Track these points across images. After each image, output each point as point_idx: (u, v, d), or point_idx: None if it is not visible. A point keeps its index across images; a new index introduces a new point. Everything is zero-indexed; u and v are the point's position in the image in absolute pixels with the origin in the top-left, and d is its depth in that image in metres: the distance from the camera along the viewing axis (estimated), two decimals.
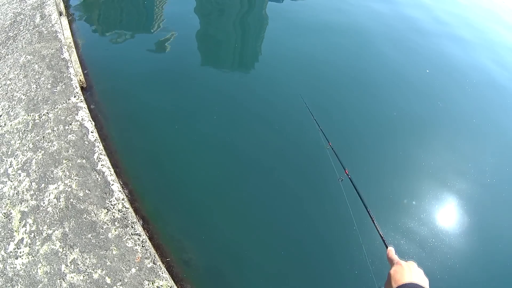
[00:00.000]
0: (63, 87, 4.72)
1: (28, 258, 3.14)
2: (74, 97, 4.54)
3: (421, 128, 5.46)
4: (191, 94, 5.56)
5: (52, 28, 6.08)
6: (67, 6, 7.84)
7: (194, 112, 5.21)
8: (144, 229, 3.54)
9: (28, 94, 4.70)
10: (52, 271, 3.06)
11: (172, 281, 3.05)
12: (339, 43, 7.40)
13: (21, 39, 5.96)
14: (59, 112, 4.35)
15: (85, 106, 4.46)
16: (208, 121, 5.05)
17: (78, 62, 5.67)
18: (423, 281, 1.35)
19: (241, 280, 3.62)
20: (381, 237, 1.96)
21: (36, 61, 5.32)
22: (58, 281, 3.02)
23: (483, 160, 5.07)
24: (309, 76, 6.22)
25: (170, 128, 4.92)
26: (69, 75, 4.90)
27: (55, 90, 4.67)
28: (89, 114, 4.35)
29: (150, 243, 3.22)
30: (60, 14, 6.82)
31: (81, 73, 5.46)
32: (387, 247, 1.63)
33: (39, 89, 4.73)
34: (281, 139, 4.96)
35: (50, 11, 6.57)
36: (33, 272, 3.05)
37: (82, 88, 5.10)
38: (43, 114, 4.35)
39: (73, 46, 6.07)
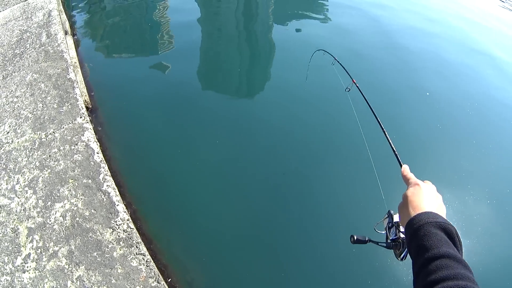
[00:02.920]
0: (69, 107, 4.92)
1: (35, 273, 3.29)
2: (80, 117, 4.73)
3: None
4: (195, 118, 5.70)
5: (58, 48, 6.29)
6: (72, 26, 8.07)
7: (198, 136, 5.35)
8: (147, 249, 3.70)
9: (34, 112, 4.89)
10: (59, 286, 3.21)
11: None
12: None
13: (28, 57, 6.16)
14: (65, 132, 4.54)
15: (91, 127, 4.65)
16: (211, 145, 5.18)
17: (83, 83, 5.87)
18: (443, 210, 1.15)
19: None
20: (395, 153, 1.69)
21: (43, 80, 5.52)
22: None
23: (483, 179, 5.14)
24: None
25: (173, 151, 5.06)
26: (75, 95, 5.10)
27: (61, 110, 4.87)
28: (94, 135, 4.54)
29: (154, 263, 3.38)
30: (66, 33, 7.04)
31: (86, 93, 5.65)
32: (401, 165, 1.44)
33: (45, 108, 4.92)
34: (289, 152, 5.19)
35: (56, 30, 6.79)
36: (40, 287, 3.20)
37: (87, 108, 5.29)
38: (50, 133, 4.53)
39: (78, 66, 6.28)
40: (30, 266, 3.35)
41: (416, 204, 1.12)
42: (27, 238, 3.56)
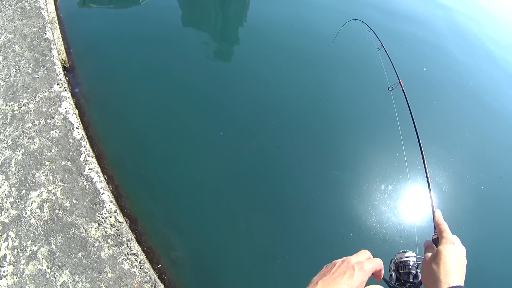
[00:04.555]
0: (45, 72, 4.15)
1: (13, 278, 2.73)
2: (57, 84, 3.98)
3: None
4: (182, 79, 5.03)
5: (36, 4, 5.44)
6: None
7: (183, 98, 4.77)
8: (132, 230, 3.15)
9: (7, 79, 4.15)
10: None
11: None
12: None
13: (3, 15, 5.34)
14: (40, 102, 3.81)
15: (69, 95, 3.91)
16: (197, 108, 4.63)
17: (61, 39, 5.05)
18: (463, 276, 1.07)
19: (231, 279, 3.38)
20: (430, 195, 1.53)
21: (17, 41, 4.73)
22: None
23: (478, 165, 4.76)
24: None
25: (156, 115, 4.47)
26: (51, 58, 4.32)
27: (36, 76, 4.11)
28: (73, 106, 3.81)
29: (149, 264, 2.76)
30: None
31: (64, 51, 4.85)
32: (434, 210, 1.32)
33: (19, 74, 4.18)
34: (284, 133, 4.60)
35: None
36: None
37: (64, 68, 4.52)
38: (23, 104, 3.81)
39: (57, 22, 5.43)
40: (7, 271, 2.77)
41: (448, 268, 1.05)
42: (1, 235, 2.94)
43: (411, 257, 1.26)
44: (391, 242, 3.61)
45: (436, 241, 1.17)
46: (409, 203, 3.96)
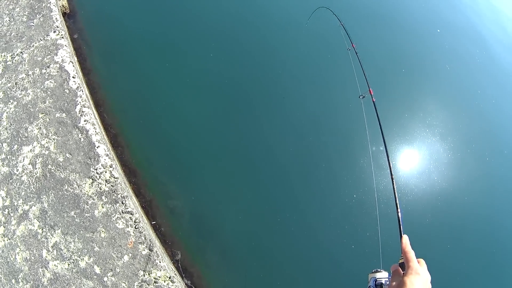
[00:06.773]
0: (41, 19, 3.81)
1: (4, 240, 2.54)
2: (54, 32, 3.64)
3: None
4: (186, 25, 4.67)
5: None
6: None
7: (189, 46, 4.44)
8: (130, 183, 2.96)
9: None
10: (33, 257, 2.47)
11: (171, 270, 2.37)
12: None
13: None
14: (35, 51, 3.49)
15: (67, 42, 3.57)
16: (202, 56, 4.36)
17: None
18: None
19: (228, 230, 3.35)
20: (398, 220, 1.48)
21: None
22: (41, 270, 2.44)
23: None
24: None
25: (160, 63, 4.19)
26: (48, 4, 3.97)
27: (32, 24, 3.78)
28: (71, 53, 3.48)
29: (144, 224, 2.49)
30: None
31: None
32: (401, 236, 1.31)
33: (12, 23, 3.85)
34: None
35: None
36: (11, 259, 2.49)
37: (64, 14, 4.19)
38: (16, 54, 3.50)
39: None
40: None
41: None
42: None
43: (383, 278, 1.32)
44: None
45: (403, 265, 1.20)
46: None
